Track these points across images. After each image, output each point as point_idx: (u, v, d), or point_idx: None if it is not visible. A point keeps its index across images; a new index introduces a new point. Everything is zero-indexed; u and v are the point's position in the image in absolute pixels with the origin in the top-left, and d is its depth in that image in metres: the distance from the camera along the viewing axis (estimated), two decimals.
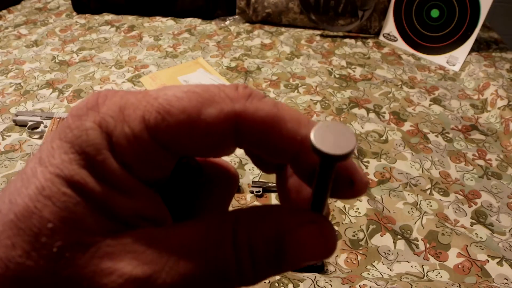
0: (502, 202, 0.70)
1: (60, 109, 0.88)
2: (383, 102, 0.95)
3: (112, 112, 0.13)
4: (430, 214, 0.67)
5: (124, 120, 0.13)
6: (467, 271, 0.58)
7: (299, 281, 0.51)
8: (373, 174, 0.75)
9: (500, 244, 0.63)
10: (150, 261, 0.13)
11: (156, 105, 0.13)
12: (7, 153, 0.76)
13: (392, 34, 1.19)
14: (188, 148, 0.14)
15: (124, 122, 0.13)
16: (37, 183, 0.12)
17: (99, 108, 0.13)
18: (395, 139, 0.83)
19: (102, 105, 0.13)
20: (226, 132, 0.14)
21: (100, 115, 0.13)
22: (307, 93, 0.96)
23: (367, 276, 0.57)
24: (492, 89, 0.95)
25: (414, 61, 1.12)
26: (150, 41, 1.16)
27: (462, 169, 0.77)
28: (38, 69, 1.03)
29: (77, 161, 0.12)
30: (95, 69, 1.03)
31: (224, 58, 1.09)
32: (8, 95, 0.93)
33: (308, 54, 1.12)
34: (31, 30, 1.20)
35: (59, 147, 0.13)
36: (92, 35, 1.18)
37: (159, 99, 0.13)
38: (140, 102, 0.13)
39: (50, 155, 0.12)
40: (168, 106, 0.13)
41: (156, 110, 0.13)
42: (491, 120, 0.90)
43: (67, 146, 0.12)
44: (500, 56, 1.11)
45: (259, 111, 0.14)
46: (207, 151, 0.15)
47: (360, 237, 0.63)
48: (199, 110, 0.13)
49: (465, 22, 1.06)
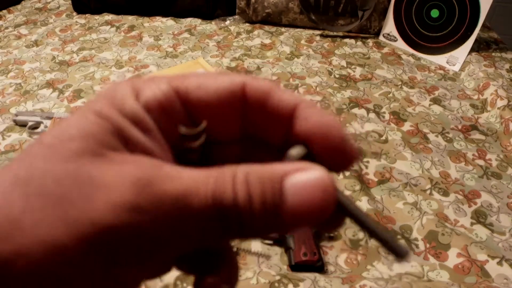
0: (502, 202, 0.70)
1: (60, 109, 0.88)
2: (383, 102, 0.95)
3: (142, 80, 0.17)
4: (430, 214, 0.67)
5: (152, 82, 0.17)
6: (467, 271, 0.59)
7: (299, 281, 0.51)
8: (373, 174, 0.75)
9: (500, 244, 0.63)
10: (150, 167, 0.14)
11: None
12: (7, 153, 0.76)
13: (392, 34, 1.19)
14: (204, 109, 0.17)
15: (152, 83, 0.17)
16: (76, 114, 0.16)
17: (133, 80, 0.17)
18: (395, 139, 0.83)
19: (135, 79, 0.17)
20: (236, 95, 0.17)
21: (133, 83, 0.17)
22: (307, 93, 0.96)
23: (367, 276, 0.57)
24: (492, 89, 0.95)
25: (414, 61, 1.12)
26: (150, 41, 1.16)
27: (462, 169, 0.77)
28: (38, 69, 1.03)
29: (108, 104, 0.16)
30: (95, 69, 1.03)
31: (224, 58, 1.09)
32: (8, 95, 0.93)
33: (308, 54, 1.12)
34: (31, 30, 1.20)
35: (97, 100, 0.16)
36: (92, 35, 1.19)
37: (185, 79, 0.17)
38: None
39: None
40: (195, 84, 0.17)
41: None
42: (491, 120, 0.90)
43: (104, 98, 0.16)
44: (500, 56, 1.11)
45: (261, 82, 0.17)
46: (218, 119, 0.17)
47: (360, 237, 0.63)
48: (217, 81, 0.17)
49: (465, 22, 1.06)
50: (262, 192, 0.14)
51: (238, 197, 0.14)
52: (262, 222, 0.15)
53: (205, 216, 0.14)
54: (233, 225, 0.14)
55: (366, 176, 0.74)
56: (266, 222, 0.15)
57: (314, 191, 0.14)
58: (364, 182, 0.72)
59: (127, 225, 0.13)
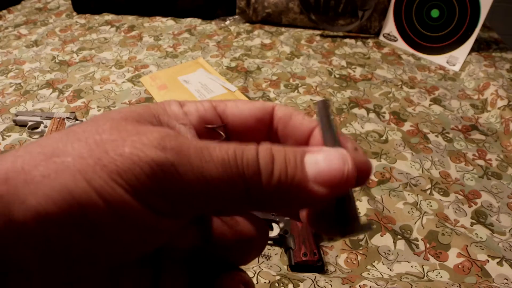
0: (502, 202, 0.70)
1: (60, 109, 0.88)
2: (383, 102, 0.95)
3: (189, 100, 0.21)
4: (430, 214, 0.67)
5: (197, 101, 0.20)
6: (467, 271, 0.58)
7: (299, 281, 0.51)
8: (373, 174, 0.75)
9: (500, 244, 0.63)
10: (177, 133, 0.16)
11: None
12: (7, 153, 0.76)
13: (392, 34, 1.19)
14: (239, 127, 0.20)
15: (196, 102, 0.20)
16: None
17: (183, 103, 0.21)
18: (395, 139, 0.83)
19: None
20: (267, 113, 0.20)
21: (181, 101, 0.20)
22: (307, 93, 0.96)
23: (367, 276, 0.57)
24: (492, 89, 0.95)
25: (414, 61, 1.12)
26: (150, 41, 1.16)
27: (462, 169, 0.77)
28: (38, 69, 1.03)
29: (156, 105, 0.19)
30: (95, 69, 1.03)
31: (224, 58, 1.09)
32: (8, 95, 0.93)
33: (308, 54, 1.12)
34: (31, 30, 1.20)
35: None
36: (92, 35, 1.18)
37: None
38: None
39: None
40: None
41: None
42: (491, 120, 0.90)
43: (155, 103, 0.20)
44: (500, 56, 1.11)
45: (286, 108, 0.21)
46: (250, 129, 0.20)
47: (360, 237, 0.63)
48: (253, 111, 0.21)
49: (465, 22, 1.06)
50: (285, 160, 0.16)
51: (260, 164, 0.15)
52: (283, 189, 0.16)
53: (228, 181, 0.15)
54: (255, 193, 0.15)
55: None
56: (287, 190, 0.16)
57: (334, 163, 0.16)
58: None
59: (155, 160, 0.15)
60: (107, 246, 0.14)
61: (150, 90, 0.95)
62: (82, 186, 0.13)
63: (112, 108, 0.89)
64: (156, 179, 0.14)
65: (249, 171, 0.15)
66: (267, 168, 0.15)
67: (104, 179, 0.14)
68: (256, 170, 0.15)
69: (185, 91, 0.93)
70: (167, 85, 0.95)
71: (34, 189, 0.13)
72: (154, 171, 0.14)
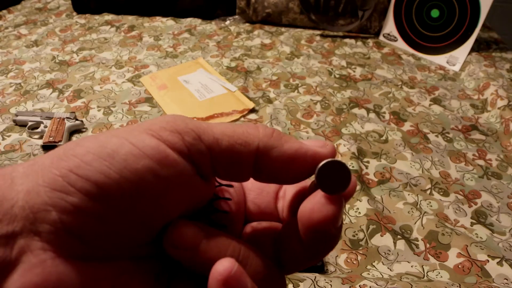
0: (502, 202, 0.70)
1: (60, 109, 0.88)
2: (383, 102, 0.95)
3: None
4: (430, 214, 0.67)
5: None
6: (467, 271, 0.58)
7: (299, 281, 0.51)
8: (373, 174, 0.75)
9: (500, 244, 0.63)
10: None
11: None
12: (7, 153, 0.76)
13: (392, 34, 1.19)
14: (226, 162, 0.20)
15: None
16: None
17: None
18: (395, 139, 0.83)
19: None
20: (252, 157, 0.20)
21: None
22: (307, 93, 0.96)
23: (367, 276, 0.57)
24: (492, 89, 0.95)
25: (414, 61, 1.12)
26: (150, 41, 1.16)
27: (462, 169, 0.77)
28: (38, 69, 1.03)
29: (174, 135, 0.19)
30: (95, 69, 1.03)
31: (224, 58, 1.09)
32: (8, 95, 0.93)
33: (308, 54, 1.12)
34: (31, 30, 1.20)
35: None
36: (92, 35, 1.19)
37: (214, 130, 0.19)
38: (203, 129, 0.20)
39: None
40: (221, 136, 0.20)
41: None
42: (491, 120, 0.90)
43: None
44: (500, 56, 1.11)
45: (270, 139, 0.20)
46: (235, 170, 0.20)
47: (360, 237, 0.63)
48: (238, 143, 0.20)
49: (465, 22, 1.06)
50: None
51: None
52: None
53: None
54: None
55: (366, 176, 0.74)
56: None
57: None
58: (364, 182, 0.72)
59: None
60: (164, 199, 0.17)
61: (150, 90, 0.95)
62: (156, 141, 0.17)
63: (112, 108, 0.89)
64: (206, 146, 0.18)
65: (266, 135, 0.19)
66: None
67: (173, 136, 0.17)
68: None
69: (185, 91, 0.93)
70: (167, 85, 0.95)
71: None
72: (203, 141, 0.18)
